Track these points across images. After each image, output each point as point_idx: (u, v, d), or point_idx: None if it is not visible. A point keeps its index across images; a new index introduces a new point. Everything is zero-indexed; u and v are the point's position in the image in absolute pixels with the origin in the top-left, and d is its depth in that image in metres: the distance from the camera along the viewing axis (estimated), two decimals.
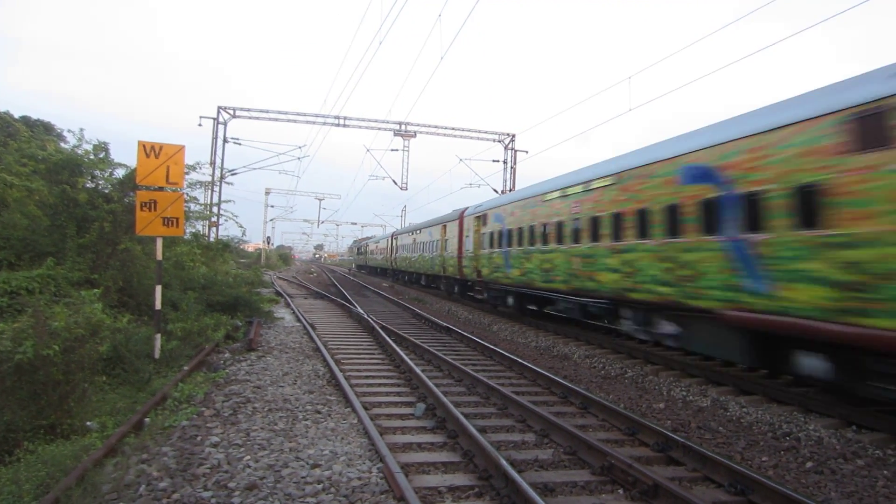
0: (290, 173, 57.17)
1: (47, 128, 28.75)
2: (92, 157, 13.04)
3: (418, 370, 9.56)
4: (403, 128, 34.00)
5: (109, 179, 13.10)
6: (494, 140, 35.74)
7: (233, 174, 34.83)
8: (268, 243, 71.43)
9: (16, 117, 26.92)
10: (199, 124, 32.17)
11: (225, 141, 33.00)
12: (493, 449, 5.73)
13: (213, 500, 4.77)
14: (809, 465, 6.28)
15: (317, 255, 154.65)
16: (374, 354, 12.08)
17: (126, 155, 12.90)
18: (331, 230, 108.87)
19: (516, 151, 35.62)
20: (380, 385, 9.33)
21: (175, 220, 10.18)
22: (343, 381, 9.02)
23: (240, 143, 33.88)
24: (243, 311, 16.34)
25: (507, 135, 35.65)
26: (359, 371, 10.31)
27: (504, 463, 5.33)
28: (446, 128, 34.65)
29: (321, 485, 5.15)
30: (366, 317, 17.05)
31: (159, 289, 10.11)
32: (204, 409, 7.52)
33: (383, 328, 14.84)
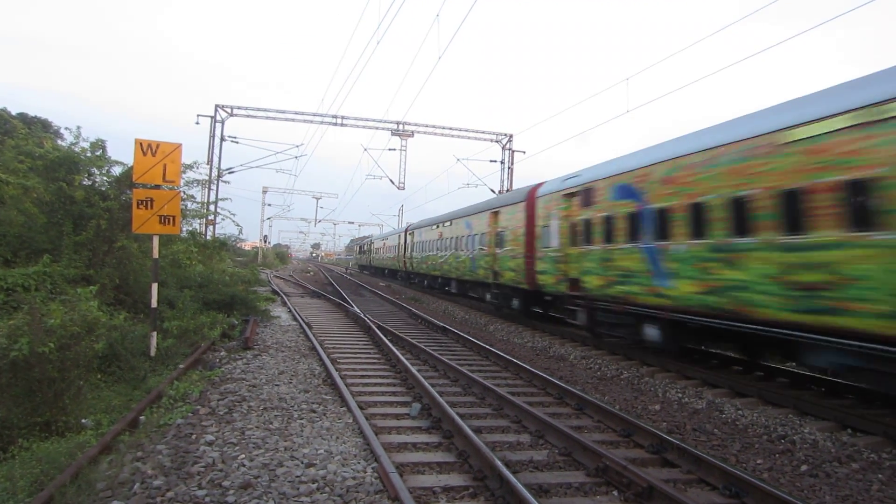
0: (287, 172, 56.80)
1: (45, 125, 28.68)
2: (89, 154, 13.02)
3: (414, 370, 9.56)
4: (401, 127, 34.00)
5: (108, 175, 13.07)
6: (492, 140, 35.76)
7: (230, 172, 34.80)
8: (265, 242, 71.38)
9: (13, 114, 26.83)
10: (197, 122, 32.14)
11: (222, 139, 32.97)
12: (488, 449, 5.73)
13: (207, 499, 4.77)
14: (804, 468, 6.29)
15: (314, 254, 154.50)
16: (370, 354, 12.08)
17: (123, 153, 12.88)
18: (328, 229, 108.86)
19: (514, 152, 35.66)
20: (375, 384, 9.33)
21: (171, 218, 10.16)
22: (339, 380, 9.02)
23: (237, 142, 33.86)
24: (240, 309, 16.31)
25: (505, 135, 35.68)
26: (355, 370, 10.31)
27: (499, 464, 5.33)
28: (444, 128, 34.68)
29: (315, 484, 5.14)
30: (362, 316, 17.04)
31: (155, 287, 10.09)
32: (199, 407, 7.51)
33: (380, 328, 14.84)
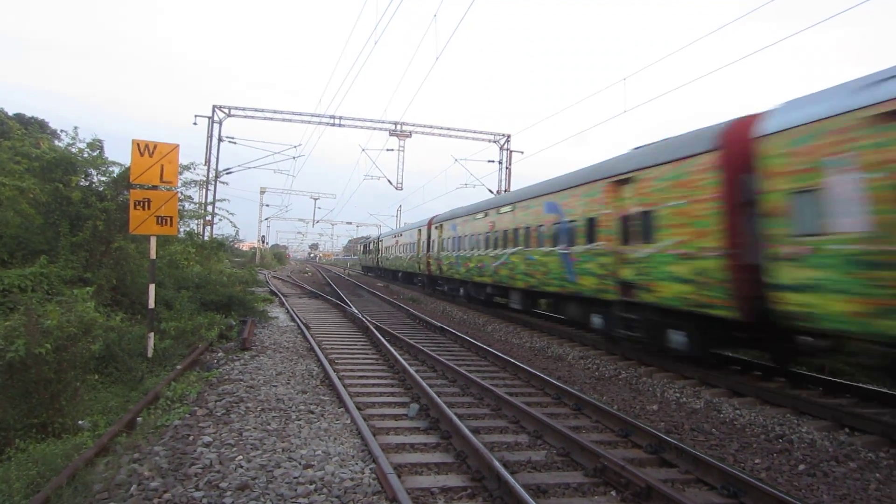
0: (285, 172, 56.77)
1: (42, 125, 28.64)
2: (86, 154, 12.98)
3: (412, 370, 9.55)
4: (399, 128, 34.01)
5: (106, 174, 13.04)
6: (490, 140, 35.78)
7: (228, 173, 34.78)
8: (263, 242, 71.33)
9: (10, 115, 26.78)
10: (195, 123, 32.14)
11: (220, 140, 32.95)
12: (486, 450, 5.72)
13: (204, 500, 4.75)
14: (802, 467, 6.29)
15: (312, 255, 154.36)
16: (368, 354, 12.07)
17: (121, 153, 12.85)
18: (326, 229, 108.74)
19: (511, 152, 35.67)
20: (373, 385, 9.32)
21: (169, 218, 10.14)
22: (337, 381, 9.01)
23: (235, 142, 33.84)
24: (237, 310, 16.27)
25: (503, 135, 35.70)
26: (353, 371, 10.30)
27: (497, 464, 5.32)
28: (442, 128, 34.71)
29: (313, 485, 5.13)
30: (360, 317, 17.02)
31: (153, 287, 10.07)
32: (197, 408, 7.49)
33: (378, 328, 14.83)
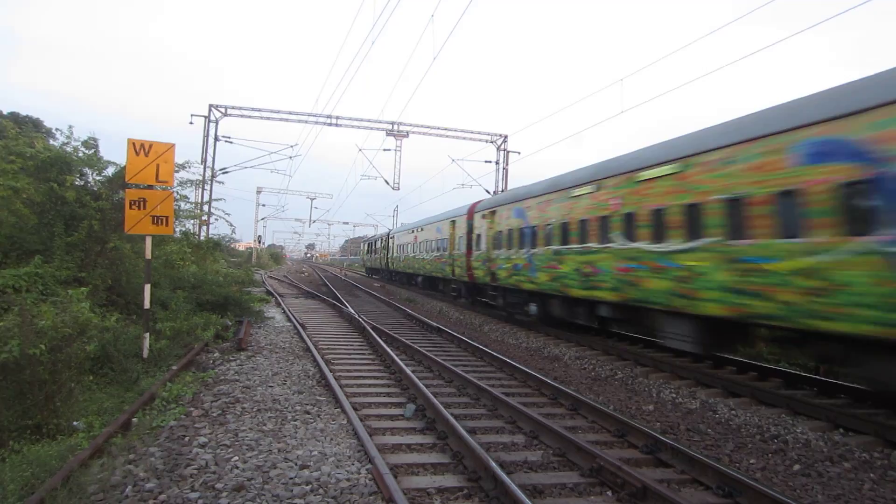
0: (281, 172, 56.67)
1: (36, 124, 28.54)
2: (81, 153, 12.93)
3: (408, 371, 9.54)
4: (396, 128, 33.98)
5: (102, 172, 13.00)
6: (487, 141, 35.78)
7: (224, 172, 34.71)
8: (259, 242, 71.21)
9: (4, 113, 26.67)
10: (191, 122, 32.05)
11: (216, 139, 32.86)
12: (483, 450, 5.73)
13: (200, 501, 4.74)
14: (797, 467, 6.31)
15: (308, 255, 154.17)
16: (364, 354, 12.06)
17: (116, 153, 12.80)
18: (322, 229, 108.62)
19: (508, 152, 35.68)
20: (370, 385, 9.31)
21: (164, 218, 10.11)
22: (333, 381, 8.99)
23: (231, 142, 33.76)
24: (233, 310, 16.25)
25: (500, 136, 35.70)
26: (349, 371, 10.29)
27: (493, 464, 5.32)
28: (439, 128, 34.69)
29: (309, 486, 5.12)
30: (357, 317, 17.01)
31: (148, 288, 10.03)
32: (192, 409, 7.47)
33: (374, 328, 14.82)
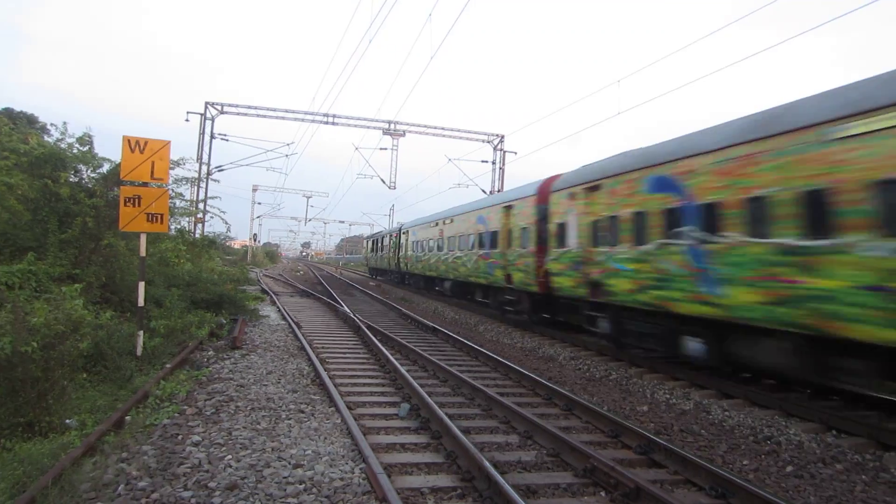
0: (277, 170, 56.66)
1: (30, 120, 28.40)
2: (76, 150, 12.88)
3: (403, 370, 9.54)
4: (392, 127, 33.95)
5: (97, 169, 12.95)
6: (483, 141, 35.78)
7: (220, 170, 34.62)
8: (254, 240, 71.02)
9: None
10: (187, 120, 31.95)
11: (212, 137, 32.77)
12: (477, 450, 5.72)
13: (193, 500, 4.73)
14: (789, 468, 6.33)
15: (304, 253, 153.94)
16: (359, 354, 12.04)
17: (111, 150, 12.77)
18: (318, 228, 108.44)
19: (505, 152, 35.71)
20: (364, 385, 9.30)
21: (159, 216, 10.07)
22: (327, 380, 8.98)
23: (227, 140, 33.68)
24: (228, 308, 16.21)
25: (496, 136, 35.71)
26: (343, 370, 10.27)
27: (487, 464, 5.33)
28: (435, 127, 34.68)
29: (303, 485, 5.11)
30: (352, 316, 16.99)
31: (142, 285, 10.00)
32: (186, 407, 7.45)
33: (369, 327, 14.80)
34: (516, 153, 36.44)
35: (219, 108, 32.62)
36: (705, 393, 9.35)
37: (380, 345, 12.06)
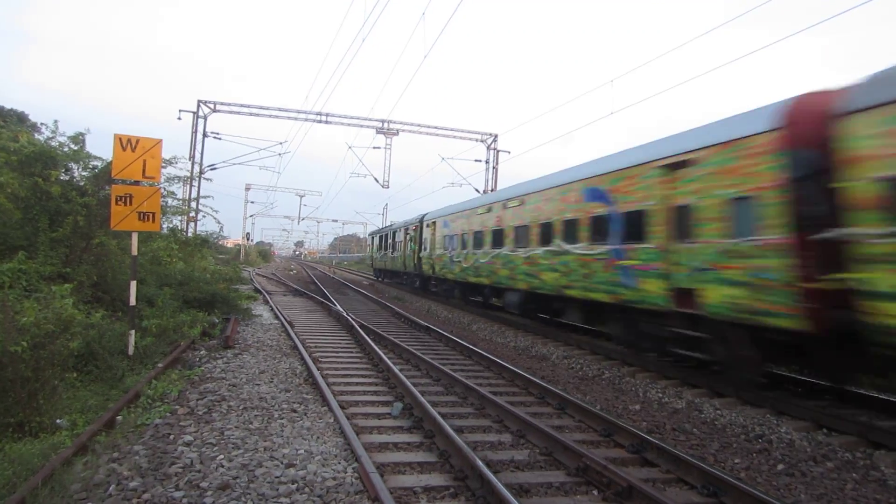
0: (270, 169, 56.20)
1: (21, 118, 28.18)
2: (66, 149, 12.80)
3: (396, 369, 9.53)
4: (386, 126, 33.90)
5: (88, 168, 12.87)
6: (477, 140, 35.79)
7: (212, 169, 34.48)
8: (247, 239, 70.80)
9: None
10: (179, 118, 31.79)
11: (205, 135, 32.63)
12: (470, 449, 5.73)
13: (184, 500, 4.71)
14: (781, 467, 6.37)
15: (297, 252, 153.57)
16: (352, 353, 12.02)
17: (102, 148, 12.69)
18: (311, 227, 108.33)
19: (499, 151, 35.72)
20: (357, 384, 9.28)
21: (151, 214, 10.02)
22: (320, 379, 8.96)
23: (220, 138, 33.54)
24: (220, 307, 16.15)
25: (490, 135, 35.72)
26: (336, 369, 10.25)
27: (480, 463, 5.33)
28: (429, 126, 34.65)
29: (295, 485, 5.10)
30: (345, 315, 16.96)
31: (134, 284, 9.95)
32: (178, 407, 7.42)
33: (362, 326, 14.78)
34: (510, 152, 36.40)
35: (211, 106, 32.48)
36: (697, 392, 9.39)
37: (373, 344, 12.05)
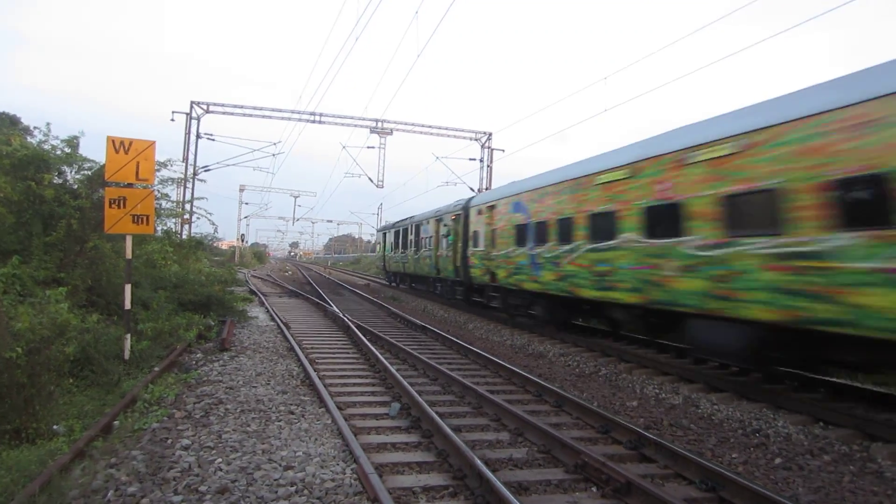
0: (264, 170, 56.19)
1: (13, 121, 28.01)
2: (59, 151, 12.72)
3: (393, 369, 9.53)
4: (380, 125, 33.87)
5: (81, 171, 12.81)
6: (471, 138, 35.78)
7: (206, 170, 34.38)
8: (242, 241, 70.63)
9: None
10: (172, 119, 31.66)
11: (198, 137, 32.52)
12: (468, 448, 5.73)
13: None
14: (778, 461, 6.40)
15: (292, 253, 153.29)
16: (348, 353, 12.01)
17: (95, 150, 12.62)
18: (306, 228, 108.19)
19: (493, 150, 35.73)
20: (354, 385, 9.28)
21: (145, 217, 9.97)
22: (317, 380, 8.95)
23: (213, 139, 33.44)
24: (216, 310, 16.09)
25: (484, 133, 35.72)
26: (333, 370, 10.24)
27: (478, 462, 5.33)
28: (423, 125, 34.63)
29: (294, 487, 5.09)
30: (341, 315, 16.94)
31: (129, 288, 9.90)
32: (175, 410, 7.39)
33: (359, 327, 14.76)
34: (504, 150, 36.43)
35: (204, 107, 32.37)
36: (694, 387, 9.42)
37: (369, 344, 12.04)
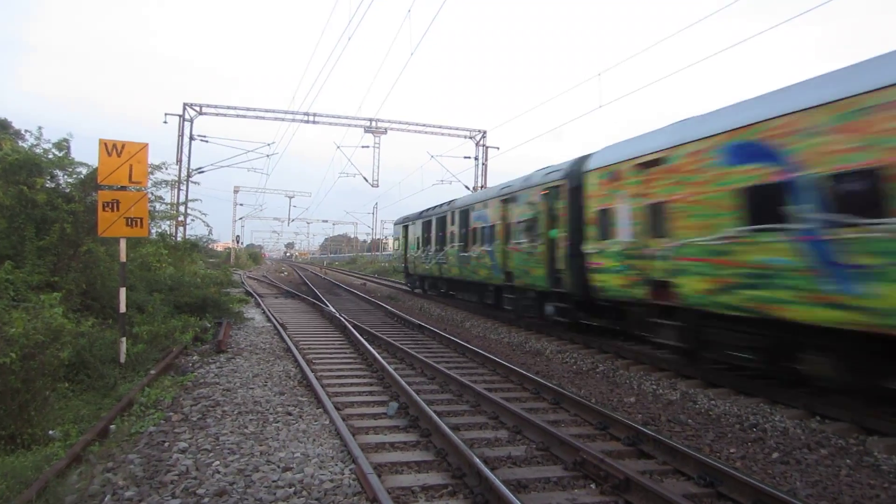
0: (259, 171, 56.14)
1: (4, 126, 27.84)
2: (51, 155, 12.65)
3: (391, 369, 9.51)
4: (374, 124, 33.83)
5: (74, 174, 12.73)
6: (466, 136, 35.79)
7: (200, 172, 34.28)
8: (237, 242, 70.46)
9: None
10: (165, 121, 31.58)
11: (191, 138, 32.44)
12: (466, 447, 5.73)
13: None
14: (776, 455, 6.41)
15: (288, 254, 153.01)
16: (346, 353, 12.00)
17: (87, 153, 12.55)
18: (301, 228, 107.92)
19: (487, 148, 35.74)
20: (352, 385, 9.26)
21: (139, 220, 9.93)
22: (314, 381, 8.93)
23: (207, 141, 33.35)
24: (212, 311, 16.05)
25: (479, 131, 35.73)
26: (331, 371, 10.22)
27: (477, 461, 5.32)
28: (417, 124, 34.64)
29: (293, 488, 5.08)
30: (338, 316, 16.92)
31: (123, 291, 9.86)
32: (171, 413, 7.37)
33: (355, 327, 14.74)
34: (498, 148, 36.49)
35: (197, 108, 32.27)
36: (691, 383, 9.44)
37: (367, 344, 12.02)
